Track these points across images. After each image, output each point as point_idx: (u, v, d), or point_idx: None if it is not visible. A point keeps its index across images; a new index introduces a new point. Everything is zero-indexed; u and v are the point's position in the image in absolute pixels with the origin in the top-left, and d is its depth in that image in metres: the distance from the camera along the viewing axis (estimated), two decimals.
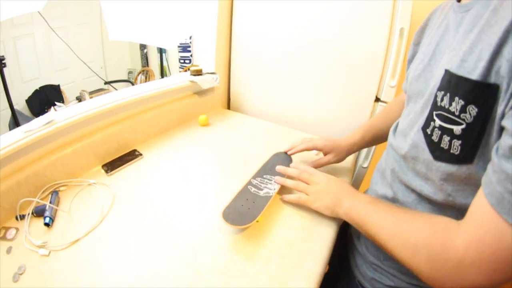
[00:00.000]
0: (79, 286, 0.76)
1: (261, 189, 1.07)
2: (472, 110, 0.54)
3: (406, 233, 0.66)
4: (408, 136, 0.77)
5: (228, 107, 2.12)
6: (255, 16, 1.73)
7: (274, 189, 1.07)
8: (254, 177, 1.14)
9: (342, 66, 1.58)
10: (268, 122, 1.76)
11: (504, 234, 0.48)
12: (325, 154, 1.23)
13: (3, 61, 2.73)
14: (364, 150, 1.70)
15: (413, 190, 0.77)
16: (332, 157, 1.21)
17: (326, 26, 1.54)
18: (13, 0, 1.49)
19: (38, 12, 3.20)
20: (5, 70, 2.78)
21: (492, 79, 0.51)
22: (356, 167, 1.74)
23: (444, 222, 0.62)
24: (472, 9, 0.63)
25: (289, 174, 1.11)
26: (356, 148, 1.24)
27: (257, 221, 0.95)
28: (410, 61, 0.95)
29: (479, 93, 0.53)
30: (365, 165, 1.71)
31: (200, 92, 1.76)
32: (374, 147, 1.61)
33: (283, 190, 1.11)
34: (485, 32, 0.55)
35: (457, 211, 0.67)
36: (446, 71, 0.62)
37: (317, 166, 1.22)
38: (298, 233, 0.95)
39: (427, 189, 0.71)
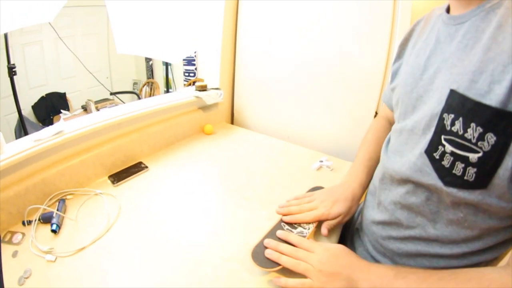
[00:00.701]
0: None
1: (295, 228, 0.96)
2: (491, 138, 0.51)
3: None
4: (406, 158, 0.72)
5: (232, 122, 2.15)
6: (259, 33, 1.79)
7: (309, 229, 0.95)
8: (276, 226, 0.98)
9: (342, 83, 1.62)
10: (271, 137, 1.78)
11: None
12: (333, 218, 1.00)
13: (13, 69, 2.77)
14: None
15: (420, 213, 0.72)
16: (342, 218, 0.99)
17: (327, 44, 1.59)
18: (25, 11, 1.53)
19: None
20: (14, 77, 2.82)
21: None
22: None
23: (496, 280, 0.56)
24: (468, 21, 0.61)
25: (283, 252, 0.85)
26: (362, 191, 1.04)
27: None
28: (395, 74, 0.91)
29: (499, 122, 0.50)
30: None
31: (205, 107, 1.80)
32: None
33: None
34: (493, 50, 0.53)
35: (468, 229, 0.64)
36: (453, 91, 0.59)
37: (331, 228, 0.99)
38: None
39: (435, 208, 0.68)
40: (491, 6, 0.56)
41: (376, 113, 1.59)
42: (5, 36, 2.79)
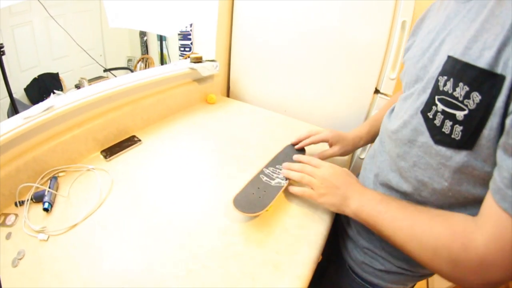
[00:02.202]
0: (77, 269, 0.77)
1: (273, 179, 1.06)
2: (476, 97, 0.54)
3: (424, 235, 0.65)
4: (404, 119, 0.76)
5: (228, 95, 2.12)
6: (256, 4, 1.72)
7: (286, 180, 1.06)
8: (266, 167, 1.12)
9: (342, 57, 1.58)
10: (267, 110, 1.75)
11: None
12: (330, 146, 1.21)
13: (1, 49, 2.72)
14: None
15: (407, 179, 0.77)
16: (338, 149, 1.18)
17: (328, 16, 1.54)
18: None
19: None
20: (3, 58, 2.77)
21: (499, 69, 0.51)
22: (354, 158, 1.75)
23: (461, 222, 0.62)
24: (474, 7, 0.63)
25: (293, 169, 1.03)
26: (362, 143, 1.21)
27: (267, 210, 0.94)
28: (407, 50, 0.94)
29: (484, 81, 0.53)
30: (362, 156, 1.71)
31: (200, 79, 1.76)
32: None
33: (293, 181, 1.10)
34: (490, 21, 0.55)
35: (453, 198, 0.69)
36: (449, 57, 0.62)
37: (322, 158, 1.19)
38: (293, 220, 0.97)
39: (421, 174, 0.72)
40: None
41: (376, 89, 1.57)
42: None
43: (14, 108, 3.00)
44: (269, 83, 1.89)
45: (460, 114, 0.58)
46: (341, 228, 1.10)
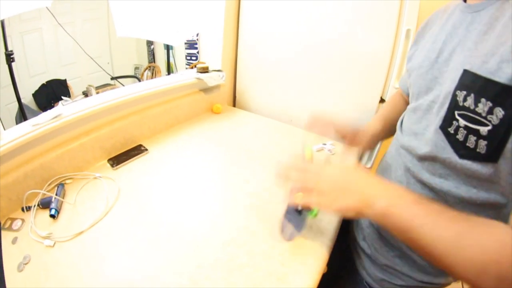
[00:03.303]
0: (82, 276, 0.77)
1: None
2: (499, 112, 0.54)
3: (472, 249, 0.56)
4: (423, 136, 0.74)
5: (234, 105, 2.13)
6: (262, 15, 1.74)
7: None
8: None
9: (347, 67, 1.59)
10: (273, 120, 1.76)
11: None
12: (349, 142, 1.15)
13: (11, 56, 2.74)
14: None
15: (432, 188, 0.74)
16: (362, 148, 1.15)
17: (333, 26, 1.55)
18: None
19: (46, 7, 3.21)
20: (12, 64, 2.79)
21: None
22: None
23: (508, 233, 0.55)
24: (484, 10, 0.64)
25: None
26: (376, 142, 1.17)
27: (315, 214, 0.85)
28: (410, 59, 0.93)
29: (507, 97, 0.53)
30: (369, 165, 1.71)
31: (206, 89, 1.77)
32: (378, 146, 1.61)
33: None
34: (506, 36, 0.56)
35: (480, 207, 0.67)
36: (466, 71, 0.62)
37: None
38: None
39: (448, 185, 0.69)
40: None
41: (382, 98, 1.57)
42: (2, 22, 2.76)
43: (22, 113, 3.01)
44: (275, 93, 1.90)
45: (484, 130, 0.57)
46: (354, 243, 1.04)
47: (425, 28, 0.91)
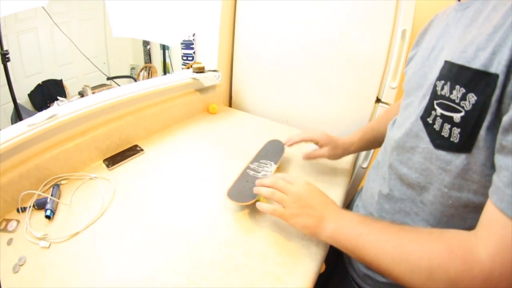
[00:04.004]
0: (78, 278, 0.77)
1: (259, 172, 1.14)
2: (472, 98, 0.55)
3: (415, 255, 0.59)
4: (406, 126, 0.75)
5: (230, 105, 2.13)
6: (258, 15, 1.74)
7: (271, 171, 1.14)
8: (251, 162, 1.20)
9: (343, 66, 1.59)
10: (269, 120, 1.76)
11: None
12: (320, 147, 1.21)
13: (7, 55, 2.73)
14: (361, 154, 1.71)
15: (409, 185, 0.75)
16: (327, 150, 1.18)
17: (329, 26, 1.55)
18: None
19: (42, 7, 3.21)
20: (8, 64, 2.78)
21: (493, 69, 0.52)
22: (356, 167, 1.75)
23: (456, 237, 0.58)
24: (471, 6, 0.66)
25: (264, 184, 0.95)
26: (353, 149, 1.21)
27: (258, 200, 0.97)
28: (410, 60, 0.95)
29: (479, 81, 0.54)
30: (364, 165, 1.71)
31: (202, 89, 1.77)
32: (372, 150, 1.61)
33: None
34: (485, 26, 0.57)
35: (452, 208, 0.67)
36: (446, 62, 0.64)
37: (311, 157, 1.23)
38: (295, 231, 0.96)
39: (423, 180, 0.70)
40: None
41: (377, 98, 1.57)
42: None
43: (17, 114, 3.00)
44: (271, 93, 1.90)
45: (457, 116, 0.58)
46: None
47: (426, 30, 0.92)
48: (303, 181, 0.91)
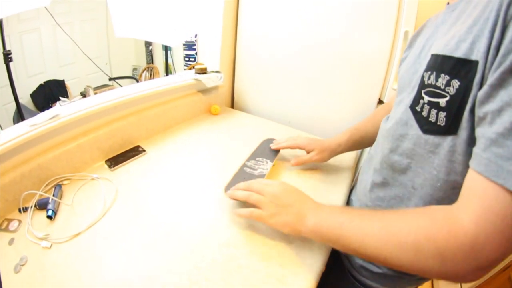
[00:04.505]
0: (80, 278, 0.77)
1: (256, 170, 1.16)
2: (455, 83, 0.60)
3: (401, 233, 0.60)
4: (396, 117, 0.80)
5: (232, 106, 2.13)
6: (261, 16, 1.74)
7: (267, 169, 1.17)
8: (248, 160, 1.22)
9: (346, 68, 1.59)
10: (271, 121, 1.76)
11: (505, 197, 0.48)
12: (307, 153, 1.24)
13: (9, 55, 2.74)
14: (366, 150, 1.70)
15: (401, 171, 0.79)
16: (314, 154, 1.21)
17: (331, 27, 1.55)
18: None
19: (45, 7, 3.21)
20: (10, 64, 2.79)
21: (474, 57, 0.57)
22: (359, 166, 1.74)
23: (439, 209, 0.60)
24: (457, 7, 0.72)
25: (239, 188, 0.96)
26: (341, 150, 1.23)
27: None
28: (403, 60, 0.97)
29: (461, 68, 0.59)
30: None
31: (204, 91, 1.77)
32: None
33: (271, 174, 1.16)
34: (466, 21, 0.62)
35: (441, 191, 0.70)
36: (432, 55, 0.69)
37: (300, 163, 1.24)
38: None
39: (414, 165, 0.74)
40: None
41: (380, 100, 1.57)
42: (0, 22, 2.75)
43: (19, 113, 3.01)
44: (273, 95, 1.90)
45: (443, 101, 0.63)
46: None
47: (419, 32, 0.95)
48: (278, 181, 0.93)
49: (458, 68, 0.60)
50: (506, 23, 0.51)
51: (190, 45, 3.73)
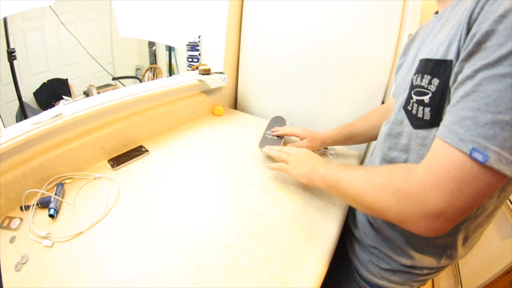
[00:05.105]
0: (81, 278, 0.76)
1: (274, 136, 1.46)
2: (435, 81, 0.67)
3: (374, 177, 0.75)
4: (392, 117, 0.87)
5: (235, 107, 2.13)
6: (265, 18, 1.74)
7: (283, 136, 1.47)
8: (266, 130, 1.52)
9: (349, 70, 1.59)
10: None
11: (452, 154, 0.57)
12: (301, 140, 1.42)
13: (13, 54, 2.74)
14: (371, 149, 1.70)
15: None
16: (306, 142, 1.39)
17: (335, 29, 1.55)
18: None
19: (49, 6, 3.22)
20: (14, 62, 2.80)
21: (449, 57, 0.64)
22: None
23: (406, 164, 0.74)
24: (443, 16, 0.79)
25: (274, 149, 1.25)
26: (330, 141, 1.38)
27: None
28: (399, 67, 1.07)
29: (440, 68, 0.66)
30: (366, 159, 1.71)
31: (208, 91, 1.77)
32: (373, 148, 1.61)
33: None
34: (447, 28, 0.70)
35: None
36: (420, 60, 0.76)
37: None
38: (300, 234, 0.96)
39: (410, 159, 0.80)
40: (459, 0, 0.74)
41: (383, 101, 1.57)
42: (4, 20, 2.76)
43: (22, 112, 3.01)
44: (276, 96, 1.90)
45: (426, 98, 0.70)
46: (348, 231, 1.15)
47: (412, 41, 1.02)
48: (302, 149, 1.18)
49: (437, 68, 0.67)
50: (470, 26, 0.59)
51: (193, 46, 3.72)
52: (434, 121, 0.69)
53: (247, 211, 1.04)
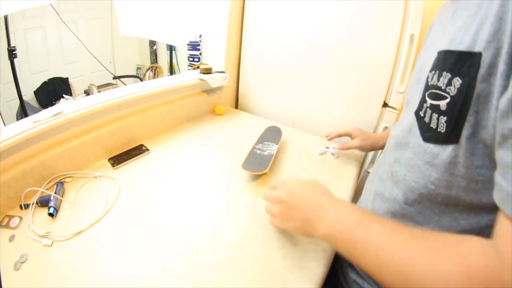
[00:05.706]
0: (80, 277, 0.76)
1: (264, 151, 1.32)
2: (457, 82, 0.53)
3: (427, 277, 0.49)
4: (403, 123, 0.74)
5: (236, 107, 2.13)
6: (267, 17, 1.73)
7: (274, 150, 1.33)
8: (256, 144, 1.37)
9: (351, 70, 1.58)
10: (276, 122, 1.74)
11: None
12: (353, 139, 1.35)
13: (14, 52, 2.74)
14: (370, 155, 1.70)
15: (396, 183, 0.73)
16: (357, 141, 1.32)
17: (336, 29, 1.54)
18: None
19: (50, 5, 3.21)
20: (15, 61, 2.80)
21: (477, 48, 0.50)
22: (362, 171, 1.74)
23: (475, 251, 0.48)
24: (460, 1, 0.65)
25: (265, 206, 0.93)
26: (382, 143, 1.31)
27: (266, 173, 1.21)
28: (419, 57, 0.90)
29: (463, 64, 0.52)
30: (370, 169, 1.70)
31: (209, 91, 1.76)
32: (380, 151, 1.60)
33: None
34: (469, 9, 0.57)
35: (442, 205, 0.62)
36: (438, 52, 0.63)
37: (343, 148, 1.38)
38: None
39: (409, 178, 0.67)
40: None
41: (384, 102, 1.57)
42: (5, 18, 2.75)
43: (23, 110, 3.01)
44: (277, 96, 1.89)
45: (443, 104, 0.56)
46: None
47: (431, 28, 0.92)
48: (286, 181, 0.86)
49: (460, 63, 0.53)
50: None
51: (194, 45, 3.72)
52: (451, 136, 0.54)
53: (248, 210, 1.03)
